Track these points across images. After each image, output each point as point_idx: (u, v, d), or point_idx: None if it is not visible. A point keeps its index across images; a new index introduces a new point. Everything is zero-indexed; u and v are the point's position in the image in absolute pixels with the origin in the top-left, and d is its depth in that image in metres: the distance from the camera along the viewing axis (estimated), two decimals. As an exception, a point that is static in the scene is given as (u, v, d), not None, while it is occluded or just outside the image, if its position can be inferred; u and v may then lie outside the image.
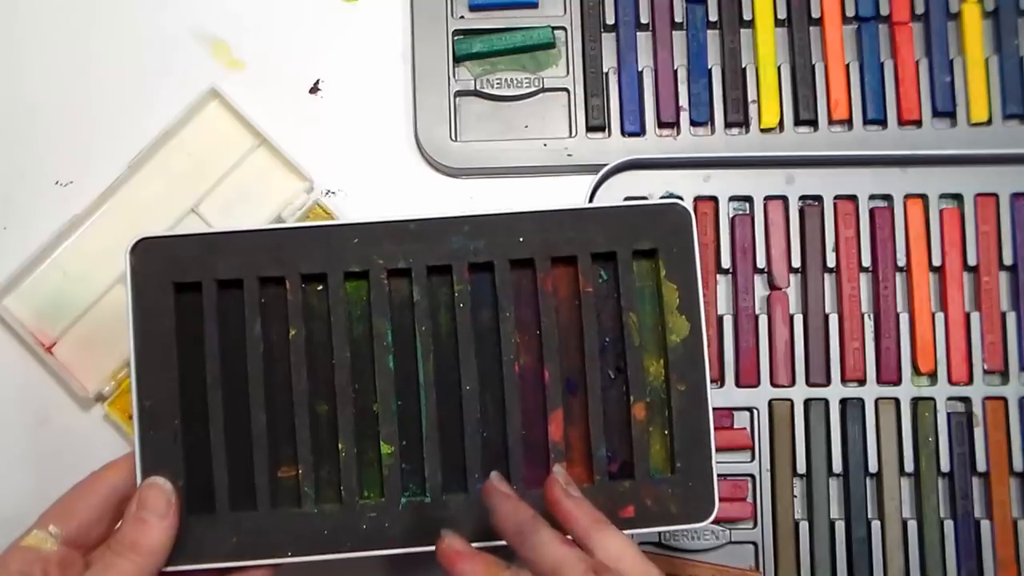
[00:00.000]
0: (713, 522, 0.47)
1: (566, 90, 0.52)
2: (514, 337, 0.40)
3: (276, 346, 0.40)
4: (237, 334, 0.39)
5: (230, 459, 0.39)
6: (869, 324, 0.50)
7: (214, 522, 0.38)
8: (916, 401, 0.50)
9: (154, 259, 0.39)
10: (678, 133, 0.52)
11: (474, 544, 0.36)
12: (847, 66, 0.52)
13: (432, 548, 0.36)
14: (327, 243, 0.40)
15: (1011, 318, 0.50)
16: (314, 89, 0.53)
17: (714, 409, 0.49)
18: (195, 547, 0.38)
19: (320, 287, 0.40)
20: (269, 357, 0.40)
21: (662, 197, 0.50)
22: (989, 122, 0.52)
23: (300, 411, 0.39)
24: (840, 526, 0.49)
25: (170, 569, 0.37)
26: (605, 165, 0.49)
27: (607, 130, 0.51)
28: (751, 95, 0.52)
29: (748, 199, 0.51)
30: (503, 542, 0.36)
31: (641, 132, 0.51)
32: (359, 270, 0.40)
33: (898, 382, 0.50)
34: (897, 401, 0.49)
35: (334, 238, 0.40)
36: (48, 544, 0.36)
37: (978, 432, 0.49)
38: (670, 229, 0.40)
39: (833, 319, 0.50)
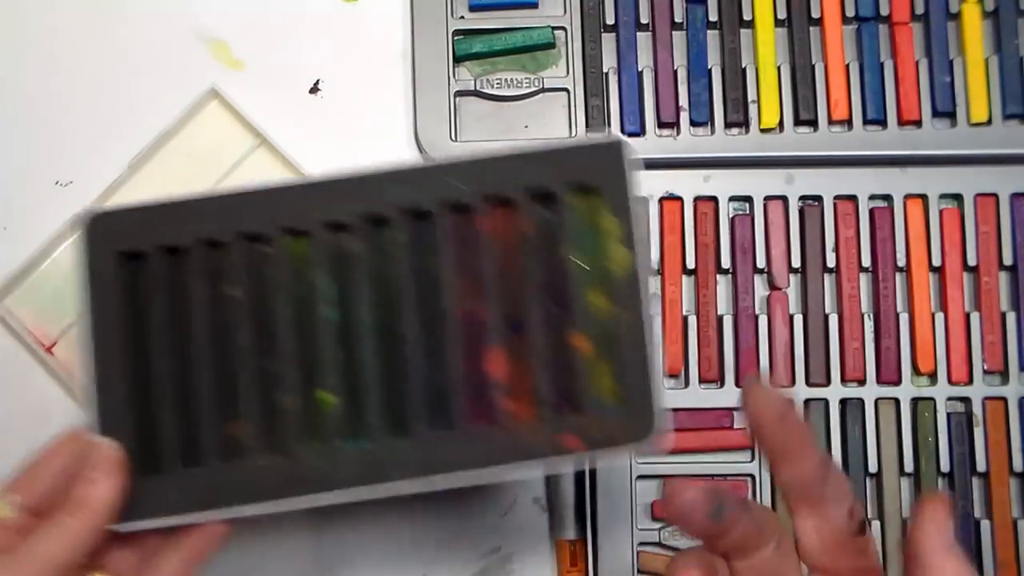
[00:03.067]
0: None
1: (566, 90, 0.52)
2: (455, 281, 0.40)
3: (220, 306, 0.40)
4: (183, 297, 0.40)
5: (179, 419, 0.40)
6: (869, 324, 0.50)
7: (164, 481, 0.39)
8: (916, 401, 0.49)
9: (101, 230, 0.40)
10: (678, 133, 0.52)
11: (413, 483, 0.38)
12: (847, 66, 0.52)
13: (375, 488, 0.37)
14: (267, 204, 0.40)
15: (1011, 318, 0.50)
16: (314, 89, 0.53)
17: (714, 409, 0.50)
18: (146, 505, 0.39)
19: (261, 246, 0.41)
20: (214, 317, 0.40)
21: (662, 198, 0.50)
22: (989, 122, 0.51)
23: (244, 368, 0.40)
24: (840, 526, 0.49)
25: (122, 528, 0.38)
26: (605, 165, 0.49)
27: (607, 130, 0.51)
28: (751, 95, 0.52)
29: (748, 199, 0.51)
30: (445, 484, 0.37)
31: (641, 132, 0.51)
32: (299, 227, 0.40)
33: (898, 382, 0.50)
34: (897, 401, 0.49)
35: (274, 198, 0.40)
36: (7, 512, 0.37)
37: (978, 432, 0.49)
38: (608, 164, 0.40)
39: (833, 319, 0.50)
